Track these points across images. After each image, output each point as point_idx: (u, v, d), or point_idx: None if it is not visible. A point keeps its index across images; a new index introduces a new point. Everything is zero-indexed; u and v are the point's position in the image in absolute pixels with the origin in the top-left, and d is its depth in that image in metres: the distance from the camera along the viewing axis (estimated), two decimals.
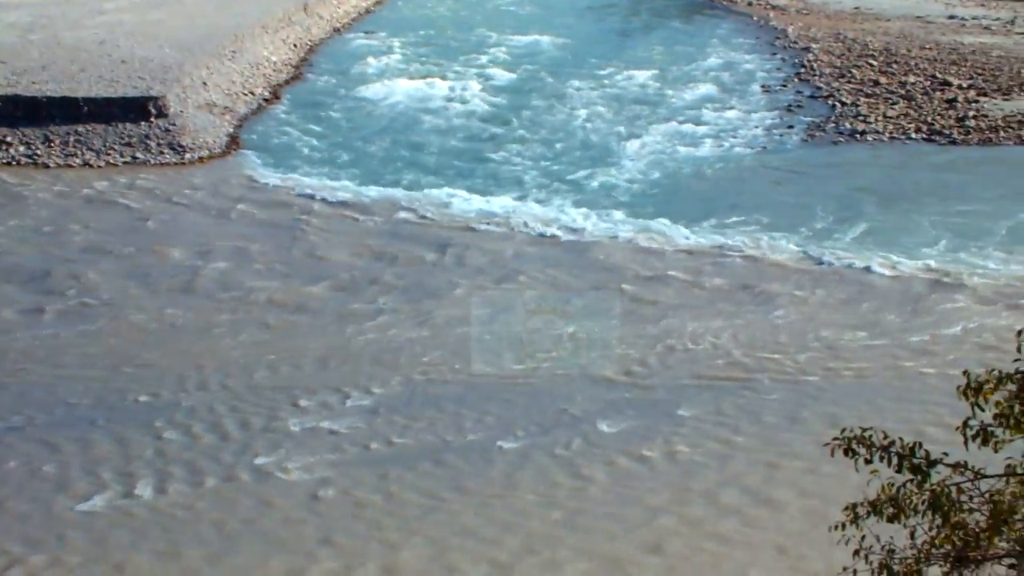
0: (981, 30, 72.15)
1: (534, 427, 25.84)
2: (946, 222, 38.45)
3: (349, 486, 23.80)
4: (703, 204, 40.76)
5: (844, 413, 25.52)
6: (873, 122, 50.45)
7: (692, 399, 27.03)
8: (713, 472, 24.16)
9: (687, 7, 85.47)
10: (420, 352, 29.54)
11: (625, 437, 25.39)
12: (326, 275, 34.60)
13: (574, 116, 52.98)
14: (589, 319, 31.45)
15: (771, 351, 29.46)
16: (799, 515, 22.53)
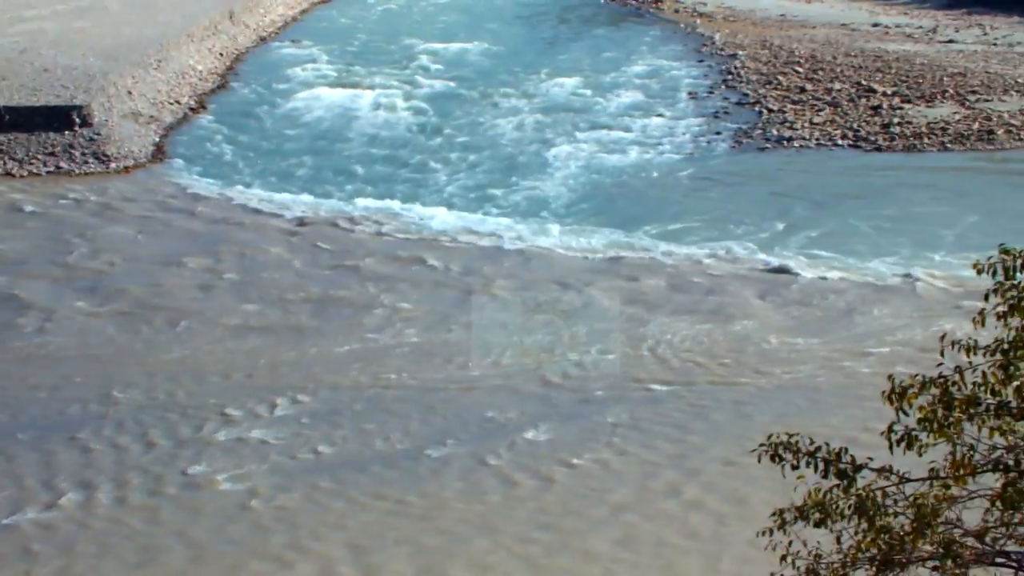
0: (904, 38, 72.68)
1: (462, 435, 25.76)
2: (877, 227, 38.73)
3: (277, 495, 23.66)
4: (632, 211, 40.83)
5: (777, 418, 25.57)
6: (800, 128, 50.71)
7: (622, 406, 27.01)
8: (642, 479, 24.13)
9: (615, 15, 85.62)
10: (347, 361, 29.42)
11: (553, 445, 25.35)
12: (252, 285, 34.39)
13: (501, 124, 52.93)
14: (517, 327, 31.39)
15: (703, 356, 29.53)
16: (734, 522, 22.54)
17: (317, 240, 38.11)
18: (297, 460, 24.99)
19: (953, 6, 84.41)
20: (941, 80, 58.47)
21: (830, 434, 20.77)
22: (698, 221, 39.37)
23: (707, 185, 43.89)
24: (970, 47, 68.56)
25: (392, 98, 57.50)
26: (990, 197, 41.26)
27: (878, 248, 36.78)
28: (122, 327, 31.60)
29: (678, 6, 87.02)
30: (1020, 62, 63.02)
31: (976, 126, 50.36)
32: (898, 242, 37.22)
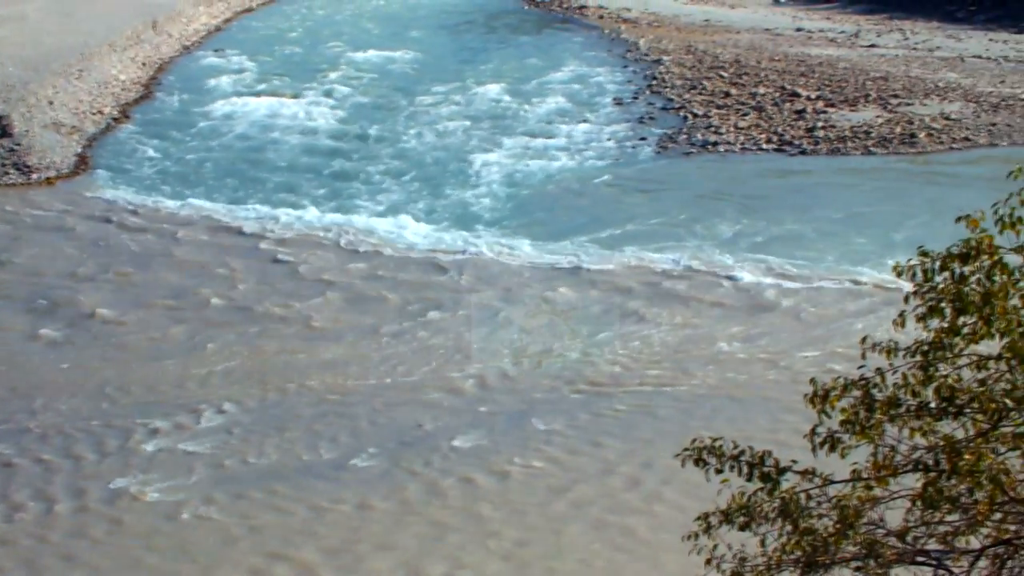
0: (828, 42, 73.23)
1: (389, 443, 25.67)
2: (807, 229, 38.93)
3: (205, 506, 23.47)
4: (558, 217, 40.87)
5: (704, 423, 25.63)
6: (725, 133, 50.96)
7: (556, 412, 26.99)
8: (572, 485, 24.11)
9: (540, 22, 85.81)
10: (273, 371, 29.25)
11: (481, 451, 25.29)
12: (177, 295, 34.16)
13: (427, 132, 52.87)
14: (446, 334, 31.32)
15: (635, 361, 29.54)
16: (668, 526, 22.54)
17: (243, 250, 37.89)
18: (225, 470, 24.81)
19: (875, 11, 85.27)
20: (864, 84, 58.96)
21: (760, 437, 20.87)
22: (625, 226, 39.41)
23: (633, 190, 43.95)
24: (891, 51, 69.21)
25: (317, 107, 57.36)
26: (918, 198, 41.53)
27: (809, 250, 36.93)
28: (44, 340, 31.29)
29: (602, 12, 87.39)
30: (940, 66, 63.64)
31: (899, 129, 50.79)
32: (830, 244, 37.40)
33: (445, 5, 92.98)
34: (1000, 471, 9.31)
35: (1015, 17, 77.77)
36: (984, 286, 9.45)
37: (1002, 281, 9.41)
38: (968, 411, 9.70)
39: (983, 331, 9.48)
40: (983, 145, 48.98)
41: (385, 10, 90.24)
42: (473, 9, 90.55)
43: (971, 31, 75.63)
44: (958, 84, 58.79)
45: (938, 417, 9.79)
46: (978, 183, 41.13)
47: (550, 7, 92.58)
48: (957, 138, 49.73)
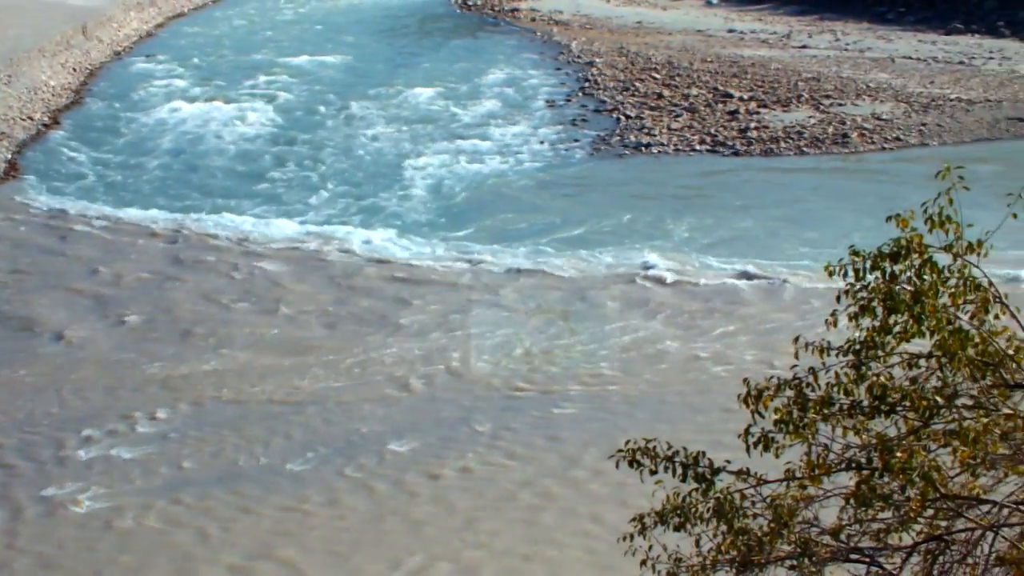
0: (760, 43, 73.58)
1: (325, 448, 25.58)
2: (740, 229, 39.10)
3: (141, 514, 23.29)
4: (492, 220, 40.84)
5: (642, 424, 25.61)
6: (658, 134, 51.10)
7: (490, 415, 26.96)
8: (507, 488, 24.09)
9: (472, 25, 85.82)
10: (207, 377, 29.08)
11: (417, 455, 25.23)
12: (109, 302, 33.92)
13: (360, 136, 52.77)
14: (380, 338, 31.25)
15: (568, 363, 29.53)
16: (603, 533, 22.55)
17: (176, 256, 37.66)
18: (161, 477, 24.65)
19: (806, 12, 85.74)
20: (796, 85, 59.30)
21: (696, 438, 20.92)
22: (560, 228, 39.48)
23: (567, 193, 44.01)
24: (823, 52, 69.63)
25: (250, 112, 57.09)
26: (850, 198, 41.78)
27: (746, 249, 37.07)
28: None
29: (535, 15, 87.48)
30: (871, 67, 64.07)
31: (831, 130, 51.10)
32: (767, 243, 37.56)
33: (379, 10, 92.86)
34: (931, 468, 9.37)
35: (943, 18, 78.41)
36: (914, 285, 9.53)
37: (932, 280, 9.49)
38: (900, 409, 9.76)
39: (914, 330, 9.55)
40: (914, 145, 49.35)
41: (319, 15, 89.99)
42: (407, 13, 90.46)
43: (901, 32, 76.19)
44: (889, 85, 59.21)
45: (870, 415, 9.84)
46: (909, 182, 41.39)
47: (482, 11, 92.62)
48: (889, 138, 50.10)
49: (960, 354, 9.44)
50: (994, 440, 9.44)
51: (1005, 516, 9.92)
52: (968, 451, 9.32)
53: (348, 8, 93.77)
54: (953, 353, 9.44)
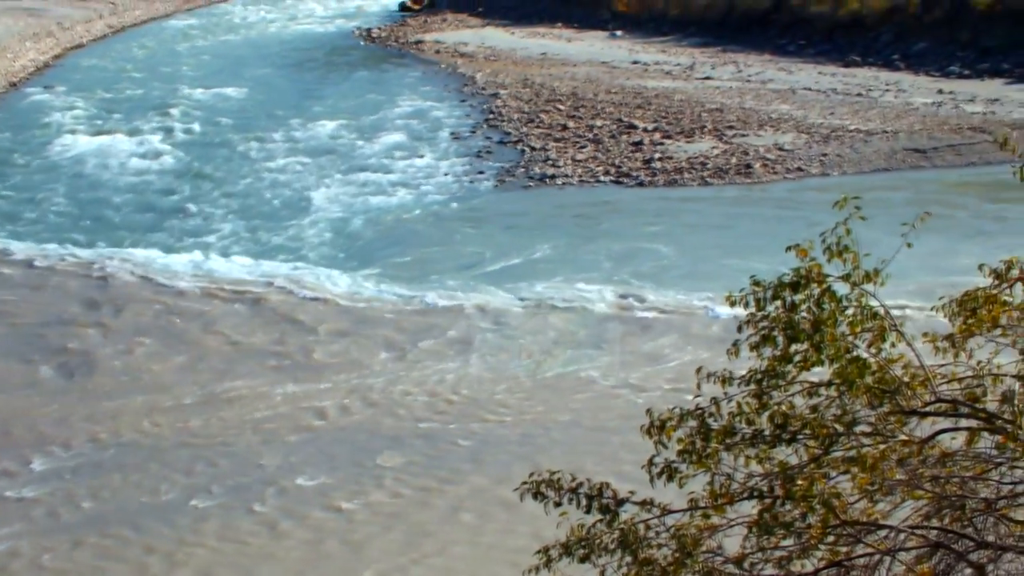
0: (663, 75, 74.15)
1: (230, 484, 25.39)
2: (645, 258, 39.22)
3: (39, 555, 22.99)
4: (396, 253, 40.77)
5: (551, 456, 25.61)
6: (563, 166, 51.29)
7: (394, 448, 26.86)
8: (417, 522, 24.03)
9: (377, 57, 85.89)
10: (107, 415, 28.72)
11: (322, 490, 25.10)
12: (7, 338, 33.54)
13: (264, 168, 52.59)
14: (287, 373, 31.09)
15: (475, 396, 29.47)
16: (503, 566, 22.53)
17: (71, 291, 37.26)
18: (60, 516, 24.35)
19: (709, 44, 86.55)
20: (699, 116, 59.78)
21: (602, 470, 20.97)
22: (465, 260, 39.49)
23: (473, 225, 44.04)
24: (726, 84, 70.26)
25: (152, 144, 56.77)
26: (753, 228, 42.12)
27: (647, 278, 37.21)
28: None
29: (439, 47, 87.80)
30: (773, 98, 64.75)
31: (734, 160, 51.53)
32: (670, 273, 37.73)
33: (283, 42, 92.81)
34: (832, 495, 9.47)
35: (842, 51, 79.42)
36: (814, 314, 9.64)
37: (831, 309, 9.61)
38: (801, 437, 9.86)
39: (814, 358, 9.67)
40: (815, 175, 49.89)
41: (223, 48, 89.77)
42: (311, 46, 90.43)
43: (802, 64, 77.02)
44: (790, 115, 59.84)
45: (772, 444, 9.93)
46: (810, 212, 41.83)
47: (387, 43, 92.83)
48: (791, 168, 50.60)
49: (858, 382, 9.56)
50: (891, 466, 9.57)
51: (902, 540, 10.05)
52: (866, 477, 9.44)
53: (252, 41, 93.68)
54: (852, 381, 9.55)
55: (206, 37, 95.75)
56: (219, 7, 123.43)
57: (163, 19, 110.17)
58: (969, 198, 45.80)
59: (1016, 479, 9.87)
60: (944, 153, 52.77)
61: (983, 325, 10.13)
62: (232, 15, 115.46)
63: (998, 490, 10.00)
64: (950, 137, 54.70)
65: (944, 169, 51.11)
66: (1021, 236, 38.63)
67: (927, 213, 10.92)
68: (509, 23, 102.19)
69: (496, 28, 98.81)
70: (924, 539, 10.07)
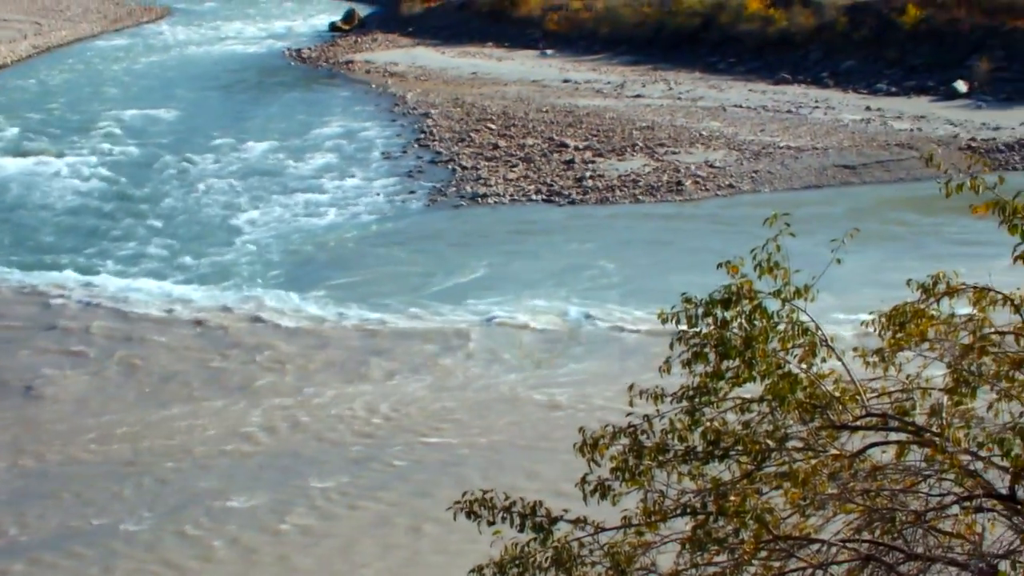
0: (594, 93, 74.32)
1: (161, 507, 25.20)
2: (575, 275, 39.36)
3: None
4: (328, 274, 40.64)
5: (485, 475, 25.58)
6: (494, 185, 51.32)
7: (325, 469, 26.76)
8: (349, 543, 23.95)
9: (307, 77, 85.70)
10: (33, 440, 28.42)
11: (255, 512, 24.97)
12: None
13: (194, 190, 52.31)
14: (217, 393, 30.90)
15: (412, 416, 29.39)
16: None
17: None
18: None
19: (639, 62, 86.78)
20: (631, 134, 59.95)
21: (538, 488, 20.99)
22: (398, 280, 39.40)
23: (402, 245, 43.93)
24: (657, 101, 70.50)
25: (80, 166, 56.30)
26: (685, 245, 42.32)
27: (580, 295, 37.29)
28: None
29: (370, 67, 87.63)
30: (704, 116, 65.05)
31: (666, 178, 51.72)
32: (602, 289, 37.86)
33: (213, 62, 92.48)
34: (764, 510, 9.52)
35: (772, 69, 79.91)
36: (745, 330, 9.70)
37: (762, 325, 9.68)
38: (733, 453, 9.91)
39: (745, 374, 9.73)
40: (746, 192, 50.21)
41: (154, 70, 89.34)
42: (242, 67, 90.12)
43: (732, 81, 77.43)
44: (721, 133, 60.14)
45: (705, 460, 9.98)
46: (741, 229, 41.99)
47: (317, 63, 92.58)
48: (722, 185, 50.88)
49: (790, 398, 9.62)
50: (823, 480, 9.63)
51: (834, 554, 10.11)
52: (798, 492, 9.50)
53: (181, 62, 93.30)
54: (783, 397, 9.62)
55: (134, 58, 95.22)
56: (147, 27, 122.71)
57: (90, 40, 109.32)
58: (906, 213, 46.20)
59: (944, 491, 9.96)
60: (873, 169, 53.24)
61: (911, 339, 10.23)
62: (160, 36, 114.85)
63: (927, 502, 10.09)
64: (879, 153, 55.17)
65: (873, 185, 51.58)
66: (961, 248, 38.93)
67: (856, 229, 11.04)
68: (439, 43, 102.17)
69: (427, 48, 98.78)
70: (855, 552, 10.13)
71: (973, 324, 10.11)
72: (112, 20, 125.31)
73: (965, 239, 40.24)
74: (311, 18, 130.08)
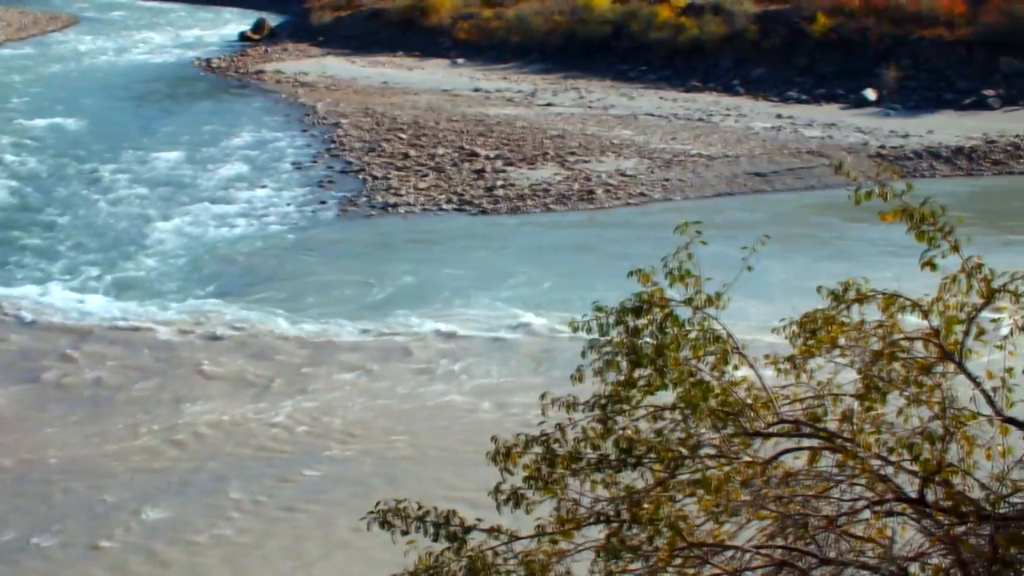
0: (505, 102, 74.48)
1: (71, 520, 24.92)
2: (486, 282, 39.29)
3: None
4: (239, 284, 40.36)
5: (399, 484, 25.50)
6: (405, 194, 51.25)
7: (243, 480, 26.56)
8: (266, 556, 23.79)
9: (218, 87, 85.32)
10: None
11: (171, 524, 24.74)
12: None
13: (103, 200, 51.83)
14: (128, 407, 30.62)
15: (328, 426, 29.23)
16: None
17: None
18: None
19: (550, 71, 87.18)
20: (542, 143, 60.10)
21: (454, 496, 20.92)
22: (305, 292, 39.20)
23: (315, 255, 43.73)
24: (568, 110, 70.77)
25: None
26: (596, 254, 42.42)
27: (508, 302, 37.30)
28: None
29: (280, 77, 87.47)
30: (615, 124, 65.36)
31: (577, 186, 51.85)
32: (515, 297, 37.85)
33: (121, 72, 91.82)
34: (678, 518, 9.52)
35: (683, 77, 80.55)
36: (657, 338, 9.71)
37: (673, 333, 9.69)
38: (646, 461, 9.91)
39: (658, 382, 9.74)
40: (658, 200, 50.43)
41: (58, 77, 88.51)
42: (150, 76, 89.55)
43: (643, 89, 77.90)
44: (632, 141, 60.43)
45: (618, 469, 9.97)
46: (653, 237, 42.13)
47: (227, 73, 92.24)
48: (633, 193, 51.07)
49: (702, 405, 9.64)
50: (736, 487, 9.64)
51: (748, 560, 10.14)
52: (712, 499, 9.50)
53: (89, 71, 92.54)
54: (695, 404, 9.63)
55: (41, 67, 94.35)
56: (53, 36, 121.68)
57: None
58: (830, 218, 46.52)
59: (856, 496, 10.01)
60: (784, 177, 53.68)
61: (822, 346, 10.27)
62: (67, 44, 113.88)
63: (839, 507, 10.13)
64: (790, 161, 55.66)
65: (785, 192, 51.99)
66: (887, 253, 39.18)
67: (766, 236, 11.08)
68: (350, 52, 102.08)
69: (337, 57, 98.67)
70: (769, 558, 10.17)
71: (883, 330, 10.16)
72: (17, 28, 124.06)
73: (891, 244, 40.54)
74: (221, 27, 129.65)
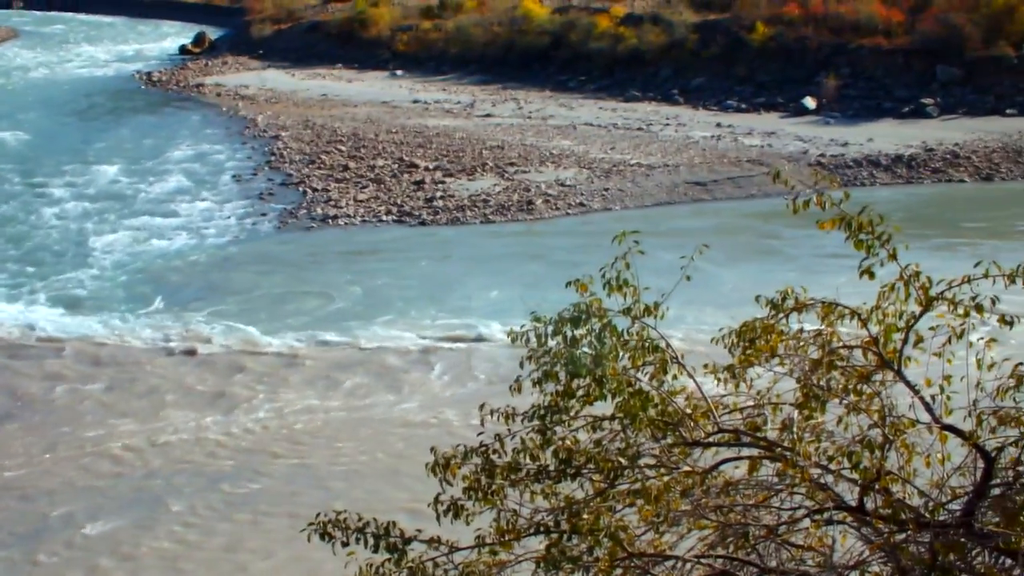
0: (444, 113, 74.52)
1: (12, 537, 24.69)
2: (425, 294, 39.29)
3: None
4: (175, 297, 40.14)
5: (340, 494, 25.42)
6: (344, 206, 51.17)
7: (183, 494, 26.40)
8: (208, 566, 23.64)
9: (158, 100, 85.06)
10: None
11: (112, 536, 24.55)
12: None
13: (43, 214, 51.51)
14: (69, 420, 30.37)
15: (272, 437, 29.12)
16: None
17: None
18: None
19: (489, 82, 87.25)
20: (481, 154, 60.11)
21: (394, 508, 20.88)
22: (245, 304, 39.04)
23: (254, 267, 43.55)
24: (507, 121, 70.82)
25: None
26: (534, 264, 42.42)
27: (431, 314, 37.29)
28: None
29: (220, 90, 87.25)
30: (554, 134, 65.44)
31: (516, 197, 51.86)
32: (452, 308, 37.83)
33: (60, 86, 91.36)
34: (618, 528, 9.49)
35: (622, 86, 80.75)
36: (595, 348, 9.68)
37: (612, 343, 9.66)
38: (586, 471, 9.88)
39: (596, 393, 9.70)
40: (597, 210, 50.50)
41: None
42: (90, 90, 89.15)
43: (582, 99, 78.10)
44: (572, 151, 60.51)
45: (557, 479, 9.93)
46: (591, 247, 42.17)
47: (167, 86, 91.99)
48: (572, 204, 51.12)
49: (641, 415, 9.61)
50: (676, 497, 9.62)
51: (688, 570, 10.13)
52: (652, 509, 9.48)
53: (28, 85, 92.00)
54: (635, 414, 9.60)
55: None
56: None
57: None
58: (777, 226, 46.55)
59: (796, 505, 10.01)
60: (724, 185, 53.86)
61: (761, 355, 10.26)
62: (5, 58, 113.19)
63: (779, 516, 10.13)
64: (729, 170, 55.84)
65: (725, 201, 52.15)
66: (834, 259, 39.23)
67: (705, 246, 11.07)
68: (290, 65, 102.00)
69: (277, 70, 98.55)
70: (710, 568, 10.16)
71: (821, 339, 10.16)
72: None
73: (842, 251, 40.60)
74: (161, 41, 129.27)
